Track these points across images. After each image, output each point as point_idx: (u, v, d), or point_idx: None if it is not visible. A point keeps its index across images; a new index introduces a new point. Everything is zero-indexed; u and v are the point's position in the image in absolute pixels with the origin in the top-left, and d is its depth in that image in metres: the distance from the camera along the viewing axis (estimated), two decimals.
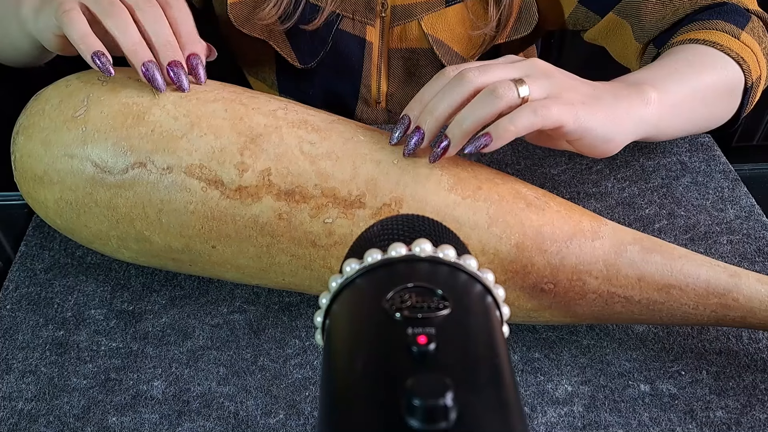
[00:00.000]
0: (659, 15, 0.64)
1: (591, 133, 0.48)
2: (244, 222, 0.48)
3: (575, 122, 0.46)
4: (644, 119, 0.52)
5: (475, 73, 0.46)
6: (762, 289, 0.48)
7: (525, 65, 0.48)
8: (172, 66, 0.48)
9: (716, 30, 0.60)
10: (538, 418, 0.49)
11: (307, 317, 0.55)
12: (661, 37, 0.65)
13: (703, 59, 0.58)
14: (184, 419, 0.48)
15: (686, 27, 0.63)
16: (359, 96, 0.77)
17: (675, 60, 0.58)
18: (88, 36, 0.47)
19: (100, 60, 0.47)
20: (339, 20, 0.69)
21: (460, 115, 0.46)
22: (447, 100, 0.46)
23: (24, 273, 0.58)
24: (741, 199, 0.65)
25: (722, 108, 0.61)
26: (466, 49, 0.72)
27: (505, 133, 0.44)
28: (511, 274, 0.47)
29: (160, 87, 0.48)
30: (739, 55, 0.58)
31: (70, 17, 0.47)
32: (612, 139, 0.49)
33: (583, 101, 0.47)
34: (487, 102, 0.45)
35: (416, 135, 0.47)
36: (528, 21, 0.71)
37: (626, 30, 0.68)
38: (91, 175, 0.48)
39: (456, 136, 0.46)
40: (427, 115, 0.47)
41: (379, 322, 0.24)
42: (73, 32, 0.47)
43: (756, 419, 0.49)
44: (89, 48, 0.47)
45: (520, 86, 0.45)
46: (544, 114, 0.44)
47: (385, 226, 0.30)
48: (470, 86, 0.46)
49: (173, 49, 0.48)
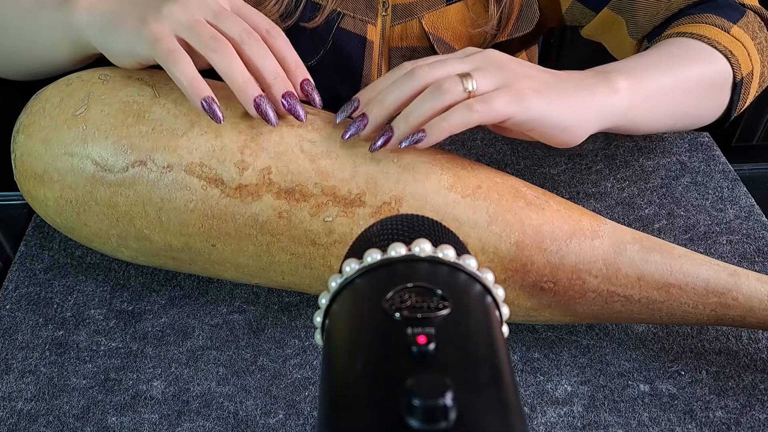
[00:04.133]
0: (653, 10, 0.64)
1: (543, 122, 0.47)
2: (244, 220, 0.48)
3: (524, 112, 0.46)
4: (610, 108, 0.50)
5: (426, 69, 0.47)
6: (761, 288, 0.48)
7: (477, 58, 0.48)
8: (287, 98, 0.47)
9: (705, 24, 0.59)
10: (538, 418, 0.49)
11: (307, 317, 0.55)
12: (655, 33, 0.65)
13: (687, 52, 0.57)
14: (184, 419, 0.48)
15: (677, 21, 0.62)
16: None
17: (657, 53, 0.57)
18: (196, 80, 0.46)
19: (210, 106, 0.46)
20: (340, 19, 0.69)
21: (406, 110, 0.46)
22: (396, 93, 0.47)
23: (24, 273, 0.58)
24: (741, 199, 0.65)
25: (709, 103, 0.59)
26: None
27: (439, 131, 0.45)
28: (510, 273, 0.47)
29: (273, 122, 0.47)
30: (727, 49, 0.57)
31: (177, 58, 0.46)
32: (569, 127, 0.48)
33: (536, 89, 0.47)
34: (433, 97, 0.45)
35: (359, 121, 0.47)
36: (529, 19, 0.71)
37: (621, 26, 0.67)
38: (92, 174, 0.48)
39: (400, 128, 0.46)
40: (375, 104, 0.47)
41: (379, 322, 0.24)
42: (182, 77, 0.45)
43: (756, 419, 0.49)
44: (198, 94, 0.46)
45: (466, 81, 0.45)
46: (480, 109, 0.44)
47: (385, 225, 0.30)
48: (420, 81, 0.46)
49: (284, 81, 0.48)
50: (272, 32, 0.49)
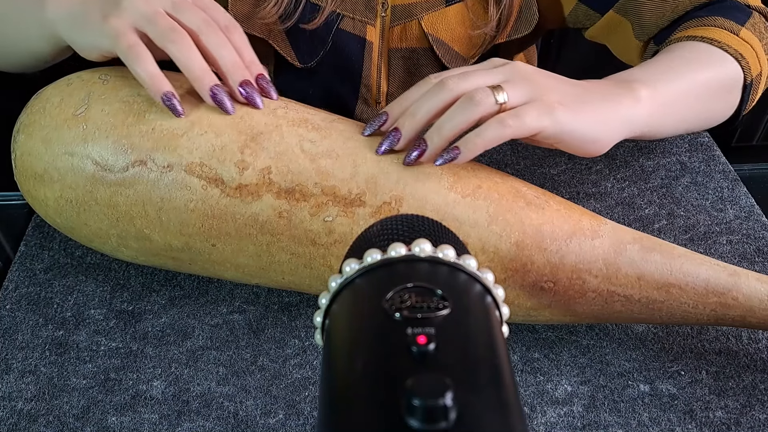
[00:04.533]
0: (659, 12, 0.64)
1: (573, 134, 0.47)
2: (244, 220, 0.48)
3: (553, 126, 0.46)
4: (633, 118, 0.51)
5: (455, 80, 0.47)
6: (761, 288, 0.48)
7: (505, 70, 0.48)
8: (244, 86, 0.48)
9: (714, 27, 0.60)
10: (538, 418, 0.49)
11: (307, 317, 0.55)
12: (661, 35, 0.65)
13: (699, 56, 0.58)
14: (184, 419, 0.48)
15: (685, 24, 0.62)
16: (359, 96, 0.77)
17: (670, 57, 0.57)
18: (156, 77, 0.47)
19: (171, 101, 0.47)
20: (339, 20, 0.69)
21: (439, 122, 0.46)
22: (427, 106, 0.47)
23: (24, 273, 0.58)
24: (740, 199, 0.65)
25: (720, 105, 0.60)
26: (466, 49, 0.72)
27: (473, 147, 0.45)
28: (510, 273, 0.48)
29: (230, 111, 0.48)
30: (737, 52, 0.58)
31: (137, 53, 0.46)
32: (597, 139, 0.49)
33: (563, 102, 0.47)
34: (466, 109, 0.45)
35: (393, 135, 0.47)
36: (528, 20, 0.71)
37: (627, 28, 0.67)
38: (92, 174, 0.48)
39: (434, 141, 0.46)
40: (408, 117, 0.47)
41: (379, 322, 0.24)
42: (142, 72, 0.46)
43: (755, 419, 0.49)
44: (159, 89, 0.47)
45: (498, 93, 0.46)
46: (513, 123, 0.45)
47: (385, 226, 0.30)
48: (450, 93, 0.47)
49: (242, 69, 0.49)
50: (230, 27, 0.50)
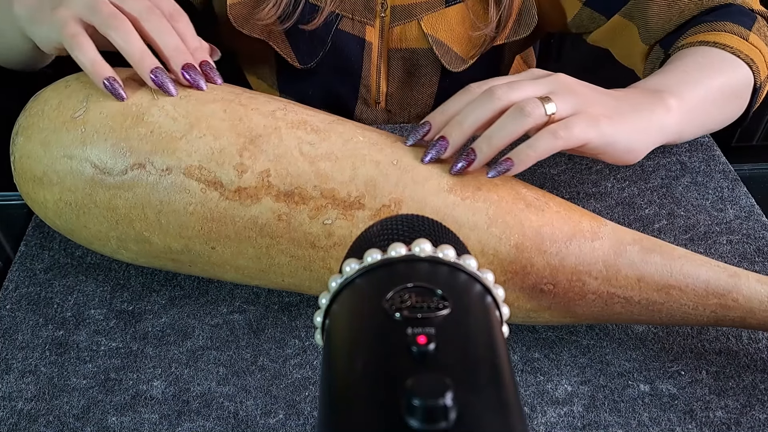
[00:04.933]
0: (665, 17, 0.65)
1: (615, 146, 0.48)
2: (243, 223, 0.48)
3: (599, 138, 0.47)
4: (666, 127, 0.52)
5: (504, 89, 0.47)
6: (761, 289, 0.48)
7: (550, 81, 0.48)
8: (187, 69, 0.49)
9: (724, 32, 0.60)
10: (538, 418, 0.49)
11: (307, 317, 0.55)
12: (667, 39, 0.65)
13: (713, 62, 0.58)
14: (184, 419, 0.48)
15: (694, 29, 0.63)
16: (359, 96, 0.77)
17: (686, 64, 0.58)
18: (97, 63, 0.48)
19: (112, 86, 0.48)
20: (338, 20, 0.69)
21: (489, 131, 0.46)
22: (475, 114, 0.47)
23: (24, 273, 0.58)
24: (741, 199, 0.65)
25: (733, 109, 0.61)
26: (466, 50, 0.72)
27: (526, 158, 0.45)
28: (510, 275, 0.47)
29: (172, 93, 0.48)
30: (748, 57, 0.59)
31: (78, 43, 0.47)
32: (636, 149, 0.50)
33: (607, 115, 0.48)
34: (516, 120, 0.45)
35: (440, 144, 0.47)
36: (527, 23, 0.71)
37: (633, 32, 0.68)
38: (91, 176, 0.48)
39: (483, 151, 0.46)
40: (455, 126, 0.47)
41: (379, 322, 0.24)
42: (84, 59, 0.47)
43: (756, 419, 0.49)
44: (100, 75, 0.48)
45: (546, 103, 0.46)
46: (564, 135, 0.45)
47: (385, 226, 0.30)
48: (499, 103, 0.46)
49: (184, 53, 0.49)
50: (175, 15, 0.51)
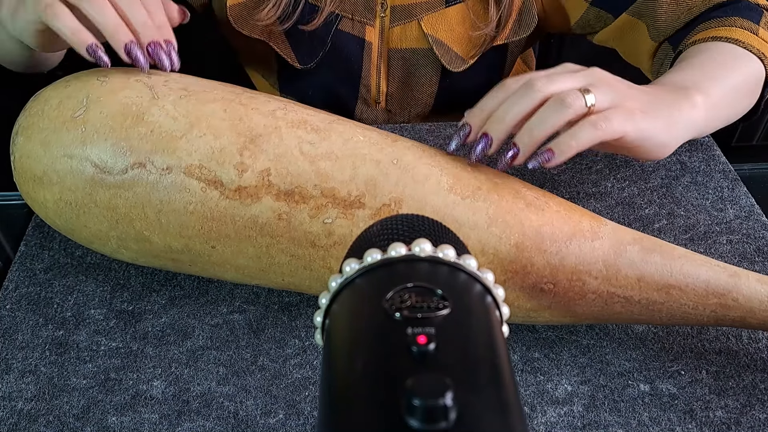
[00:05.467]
0: (674, 14, 0.65)
1: (650, 140, 0.49)
2: (243, 222, 0.48)
3: (635, 131, 0.47)
4: (694, 123, 0.53)
5: (543, 81, 0.47)
6: (762, 289, 0.48)
7: (587, 74, 0.49)
8: (152, 46, 0.49)
9: (735, 27, 0.61)
10: (538, 417, 0.49)
11: (307, 317, 0.55)
12: (676, 36, 0.66)
13: (726, 57, 0.59)
14: (184, 419, 0.48)
15: (704, 24, 0.63)
16: (359, 96, 0.77)
17: (701, 60, 0.58)
18: (79, 31, 0.48)
19: (96, 53, 0.48)
20: (338, 20, 0.69)
21: (529, 123, 0.46)
22: (516, 108, 0.47)
23: (24, 273, 0.58)
24: (741, 198, 0.65)
25: (747, 103, 0.62)
26: (466, 50, 0.72)
27: (568, 149, 0.45)
28: (510, 274, 0.47)
29: (144, 66, 0.49)
30: (760, 51, 0.60)
31: (54, 11, 0.47)
32: (667, 144, 0.51)
33: (642, 109, 0.48)
34: (557, 111, 0.45)
35: (483, 141, 0.47)
36: (527, 23, 0.71)
37: (641, 30, 0.68)
38: (91, 176, 0.48)
39: (525, 144, 0.46)
40: (496, 122, 0.47)
41: (379, 322, 0.24)
42: (63, 27, 0.47)
43: (756, 419, 0.49)
44: (82, 42, 0.47)
45: (586, 95, 0.46)
46: (605, 127, 0.45)
47: (385, 225, 0.30)
48: (539, 95, 0.46)
49: (151, 29, 0.50)
50: None
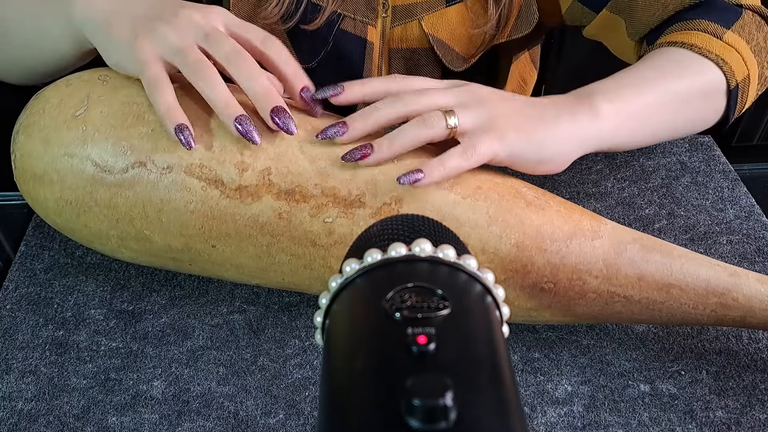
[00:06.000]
0: (649, 12, 0.63)
1: (525, 157, 0.49)
2: (244, 221, 0.48)
3: (505, 151, 0.48)
4: (591, 134, 0.51)
5: (412, 96, 0.48)
6: (762, 288, 0.48)
7: (461, 92, 0.49)
8: (275, 113, 0.46)
9: (697, 31, 0.58)
10: (538, 418, 0.49)
11: (307, 317, 0.55)
12: (652, 35, 0.64)
13: (674, 64, 0.57)
14: (184, 419, 0.48)
15: (672, 27, 0.61)
16: None
17: (643, 67, 0.57)
18: (174, 109, 0.46)
19: (183, 134, 0.46)
20: (340, 20, 0.69)
21: (392, 133, 0.47)
22: (380, 113, 0.48)
23: (24, 273, 0.58)
24: (741, 199, 0.65)
25: (702, 113, 0.59)
26: (467, 49, 0.72)
27: (436, 173, 0.47)
28: (510, 274, 0.47)
29: (255, 141, 0.46)
30: (718, 57, 0.57)
31: (160, 89, 0.46)
32: (551, 160, 0.50)
33: (515, 127, 0.49)
34: (417, 128, 0.47)
35: (339, 127, 0.48)
36: (528, 20, 0.71)
37: (621, 27, 0.67)
38: (91, 175, 0.48)
39: (383, 150, 0.47)
40: (359, 118, 0.48)
41: (379, 322, 0.24)
42: (160, 104, 0.46)
43: (756, 419, 0.49)
44: (173, 121, 0.46)
45: (449, 117, 0.47)
46: (471, 156, 0.47)
47: (385, 226, 0.30)
48: (405, 109, 0.48)
49: (272, 96, 0.47)
50: (267, 42, 0.49)
